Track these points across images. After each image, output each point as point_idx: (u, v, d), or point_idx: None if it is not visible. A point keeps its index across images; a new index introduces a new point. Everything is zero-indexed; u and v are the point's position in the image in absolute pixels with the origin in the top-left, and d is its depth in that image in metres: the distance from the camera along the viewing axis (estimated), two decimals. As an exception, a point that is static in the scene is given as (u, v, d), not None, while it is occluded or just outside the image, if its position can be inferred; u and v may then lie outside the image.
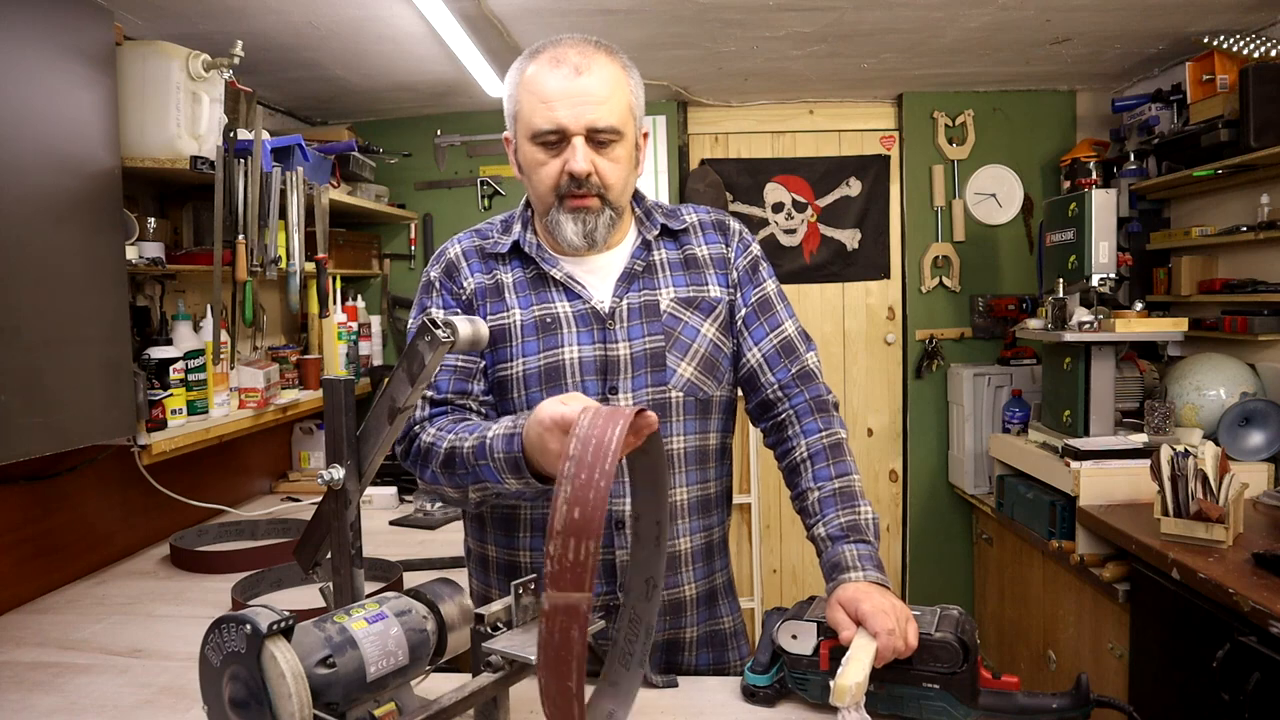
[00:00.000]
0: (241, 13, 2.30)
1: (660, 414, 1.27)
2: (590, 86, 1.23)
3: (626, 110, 1.28)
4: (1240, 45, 2.62)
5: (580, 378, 1.29)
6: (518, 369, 1.31)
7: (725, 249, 1.40)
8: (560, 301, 1.32)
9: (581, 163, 1.24)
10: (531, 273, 1.35)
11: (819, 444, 1.33)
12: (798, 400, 1.37)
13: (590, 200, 1.27)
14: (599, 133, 1.24)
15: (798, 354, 1.38)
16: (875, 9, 2.54)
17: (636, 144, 1.33)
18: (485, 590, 1.39)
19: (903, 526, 3.78)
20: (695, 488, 1.35)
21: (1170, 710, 2.09)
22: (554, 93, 1.23)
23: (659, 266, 1.36)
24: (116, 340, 1.80)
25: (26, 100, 1.55)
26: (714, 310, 1.36)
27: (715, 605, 1.40)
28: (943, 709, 1.12)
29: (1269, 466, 2.51)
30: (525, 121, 1.27)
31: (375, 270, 3.58)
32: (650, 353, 1.31)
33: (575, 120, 1.23)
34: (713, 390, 1.35)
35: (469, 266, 1.36)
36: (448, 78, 3.03)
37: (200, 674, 0.91)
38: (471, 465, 1.18)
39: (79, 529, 2.09)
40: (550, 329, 1.31)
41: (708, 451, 1.37)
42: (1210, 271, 2.93)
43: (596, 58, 1.26)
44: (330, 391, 1.08)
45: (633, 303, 1.33)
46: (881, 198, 3.73)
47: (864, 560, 1.21)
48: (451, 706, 0.96)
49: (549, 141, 1.25)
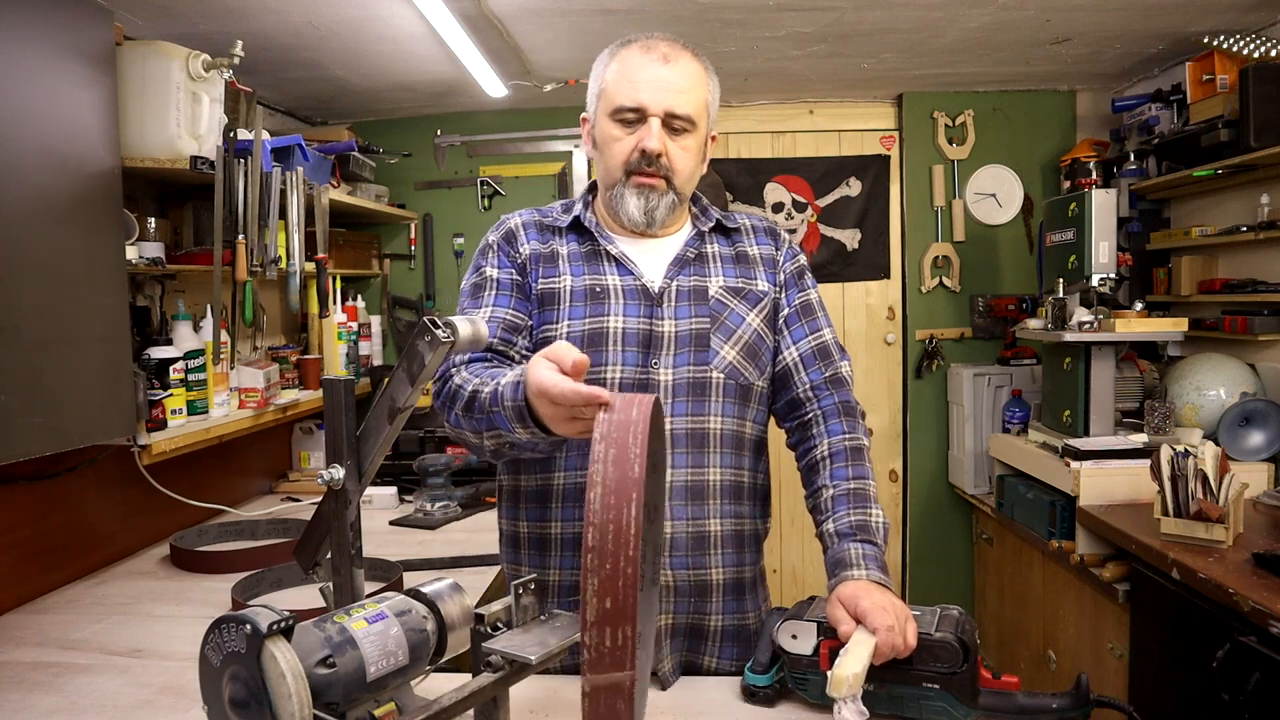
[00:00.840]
0: (241, 13, 2.30)
1: (700, 393, 1.33)
2: (674, 76, 1.32)
3: (703, 105, 1.36)
4: (1240, 45, 2.62)
5: (621, 347, 1.33)
6: (562, 330, 1.35)
7: (775, 252, 1.47)
8: (612, 275, 1.38)
9: (655, 142, 1.31)
10: (587, 247, 1.41)
11: (841, 445, 1.36)
12: (826, 402, 1.40)
13: (657, 180, 1.34)
14: (675, 119, 1.32)
15: (832, 360, 1.43)
16: (875, 9, 2.54)
17: (706, 140, 1.40)
18: (516, 571, 1.41)
19: (903, 526, 3.78)
20: (730, 471, 1.37)
21: (1170, 710, 2.09)
22: (640, 75, 1.32)
23: (710, 258, 1.42)
24: (116, 340, 1.79)
25: (26, 100, 1.55)
26: (760, 302, 1.41)
27: (742, 598, 1.39)
28: (943, 709, 1.12)
29: (1269, 466, 2.51)
30: (609, 98, 1.35)
31: (375, 270, 3.58)
32: (695, 333, 1.35)
33: (656, 102, 1.31)
34: (753, 378, 1.39)
35: (526, 235, 1.42)
36: (448, 78, 3.03)
37: (200, 674, 0.91)
38: (486, 411, 1.17)
39: (79, 529, 2.09)
40: (599, 298, 1.36)
41: (744, 439, 1.39)
42: (1210, 271, 2.93)
43: (684, 54, 1.36)
44: (330, 391, 1.08)
45: (683, 285, 1.38)
46: (881, 198, 3.73)
47: (868, 560, 1.22)
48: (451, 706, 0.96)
49: (628, 119, 1.33)
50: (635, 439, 0.90)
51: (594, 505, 0.88)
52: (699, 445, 1.34)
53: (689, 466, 1.33)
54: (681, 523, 1.32)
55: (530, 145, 3.63)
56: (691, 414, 1.33)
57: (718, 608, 1.37)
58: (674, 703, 1.26)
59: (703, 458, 1.34)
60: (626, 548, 0.85)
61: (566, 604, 1.33)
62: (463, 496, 2.65)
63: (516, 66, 2.96)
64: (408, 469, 2.77)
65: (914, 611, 1.18)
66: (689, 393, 1.34)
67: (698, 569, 1.34)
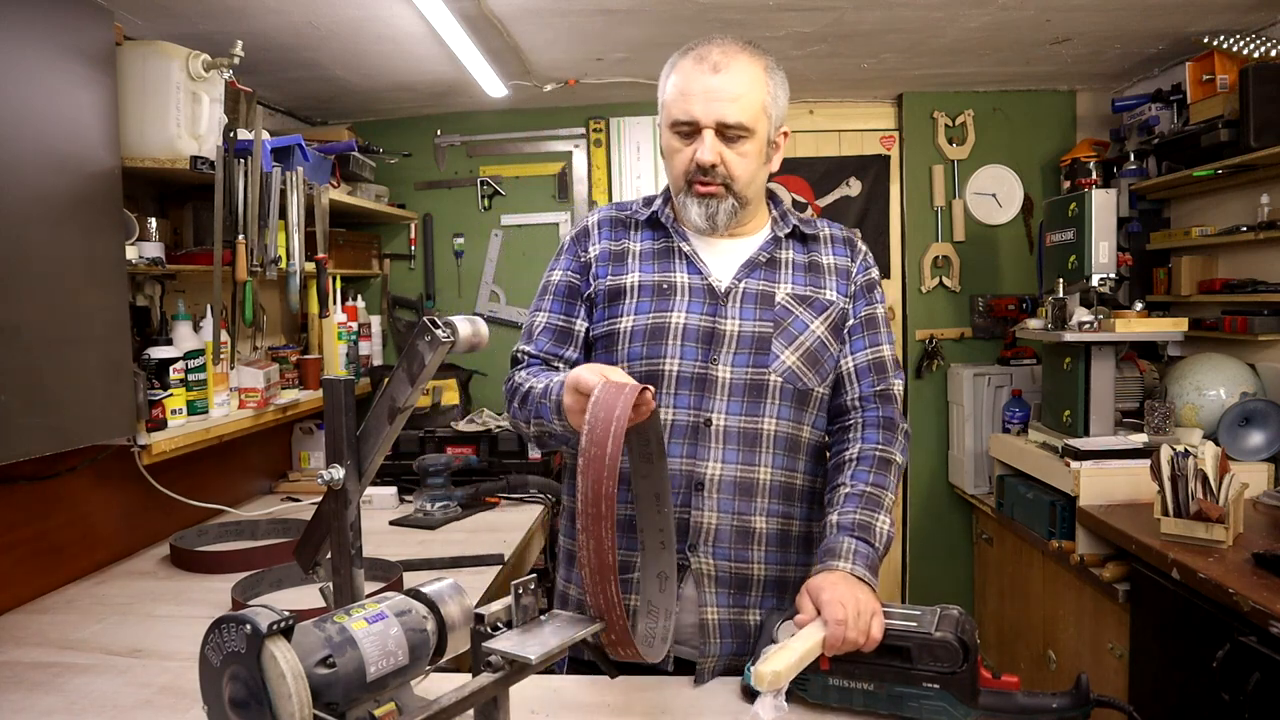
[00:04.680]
0: (241, 13, 2.30)
1: (756, 394, 1.36)
2: (725, 84, 1.33)
3: (759, 110, 1.36)
4: (1240, 45, 2.62)
5: (681, 342, 1.36)
6: (626, 323, 1.39)
7: (850, 263, 1.48)
8: (681, 272, 1.41)
9: (708, 154, 1.34)
10: (661, 244, 1.44)
11: (870, 452, 1.38)
12: (870, 413, 1.43)
13: (715, 188, 1.37)
14: (728, 128, 1.33)
15: (886, 375, 1.45)
16: (875, 9, 2.54)
17: (771, 141, 1.41)
18: (565, 589, 1.46)
19: (903, 526, 3.78)
20: (780, 472, 1.38)
21: (1170, 710, 2.09)
22: (691, 87, 1.34)
23: (783, 264, 1.44)
24: (116, 340, 1.79)
25: (26, 100, 1.55)
26: (826, 310, 1.43)
27: (784, 596, 1.40)
28: (943, 709, 1.12)
29: (1269, 466, 2.51)
30: (667, 111, 1.39)
31: (375, 270, 3.58)
32: (758, 335, 1.37)
33: (706, 114, 1.33)
34: (812, 384, 1.41)
35: (599, 233, 1.48)
36: (448, 78, 3.03)
37: (200, 674, 0.91)
38: (535, 403, 1.30)
39: (79, 529, 2.09)
40: (665, 294, 1.39)
41: (799, 443, 1.41)
42: (1210, 271, 2.93)
43: (739, 57, 1.35)
44: (330, 391, 1.08)
45: (750, 288, 1.40)
46: (881, 198, 3.73)
47: (857, 556, 1.23)
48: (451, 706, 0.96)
49: (683, 131, 1.36)
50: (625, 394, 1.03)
51: (586, 426, 1.02)
52: (751, 444, 1.36)
53: (739, 463, 1.35)
54: (727, 515, 1.34)
55: (530, 145, 3.63)
56: (746, 413, 1.36)
57: (756, 601, 1.37)
58: (674, 703, 1.26)
59: (754, 456, 1.36)
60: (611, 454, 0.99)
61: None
62: (463, 496, 2.64)
63: (516, 66, 2.96)
64: (408, 469, 2.77)
65: (914, 611, 1.18)
66: (745, 393, 1.36)
67: (740, 562, 1.36)
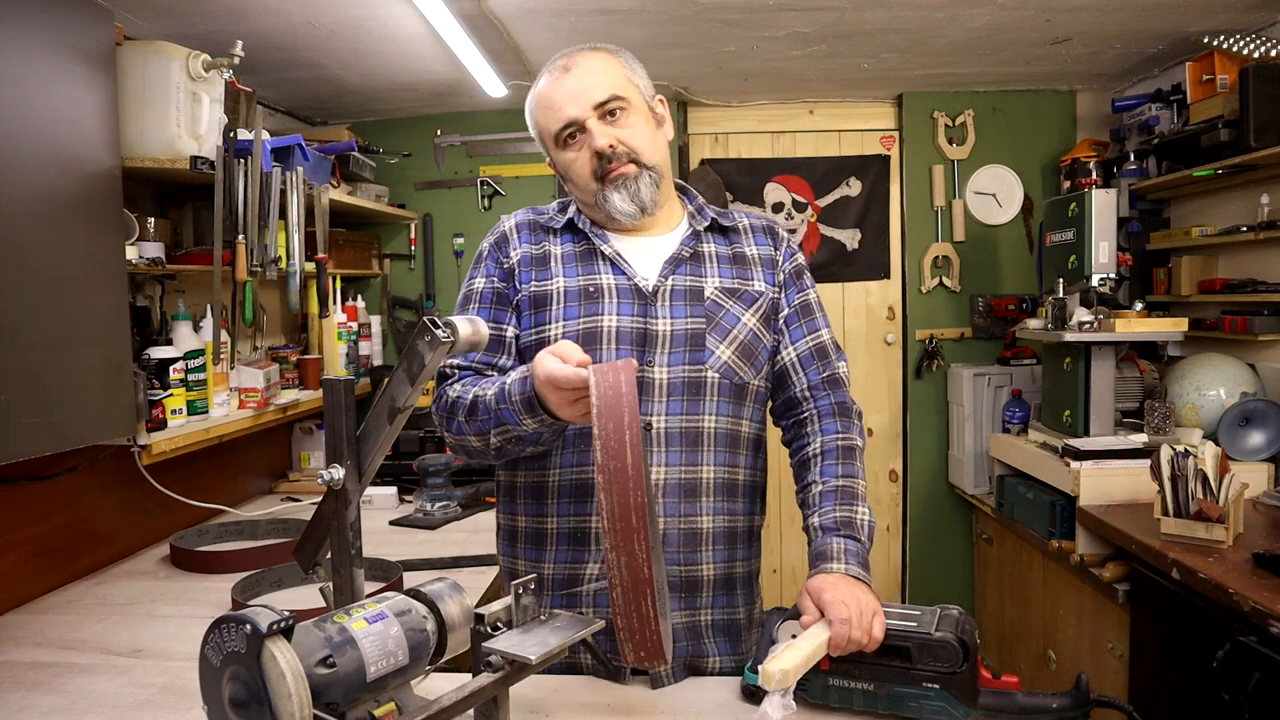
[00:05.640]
0: (241, 13, 2.30)
1: (695, 392, 1.34)
2: (580, 77, 1.34)
3: (622, 80, 1.36)
4: (1240, 45, 2.62)
5: (616, 346, 1.34)
6: (557, 331, 1.36)
7: (774, 252, 1.46)
8: (606, 274, 1.38)
9: (601, 139, 1.33)
10: (582, 247, 1.41)
11: (833, 444, 1.37)
12: (823, 402, 1.42)
13: (626, 167, 1.35)
14: (603, 105, 1.33)
15: (830, 360, 1.44)
16: (875, 9, 2.54)
17: (650, 107, 1.40)
18: (512, 564, 1.43)
19: (903, 526, 3.78)
20: (723, 469, 1.37)
21: (1170, 710, 2.09)
22: (554, 96, 1.35)
23: (707, 257, 1.42)
24: (116, 340, 1.79)
25: (26, 100, 1.55)
26: (756, 302, 1.41)
27: (733, 593, 1.40)
28: (943, 709, 1.12)
29: (1269, 466, 2.51)
30: (546, 131, 1.38)
31: (375, 270, 3.58)
32: (690, 332, 1.36)
33: (580, 107, 1.33)
34: (749, 377, 1.39)
35: (519, 238, 1.44)
36: (448, 78, 3.03)
37: (200, 674, 0.91)
38: (493, 410, 1.24)
39: (79, 529, 2.09)
40: (593, 297, 1.36)
41: (739, 438, 1.40)
42: (1210, 271, 2.93)
43: (582, 54, 1.37)
44: (330, 391, 1.09)
45: (677, 285, 1.38)
46: (881, 198, 3.73)
47: (848, 555, 1.24)
48: (451, 706, 0.96)
49: (569, 136, 1.35)
50: (626, 391, 1.01)
51: (599, 442, 0.97)
52: (693, 444, 1.34)
53: (682, 465, 1.34)
54: (674, 519, 1.33)
55: (530, 145, 3.60)
56: (686, 413, 1.34)
57: (708, 603, 1.38)
58: (674, 703, 1.26)
59: (696, 456, 1.35)
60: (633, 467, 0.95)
61: (559, 598, 1.35)
62: (463, 496, 2.65)
63: (516, 66, 2.96)
64: (408, 469, 2.77)
65: (914, 611, 1.18)
66: (684, 391, 1.34)
67: (689, 565, 1.35)
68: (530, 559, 1.38)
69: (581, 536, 1.35)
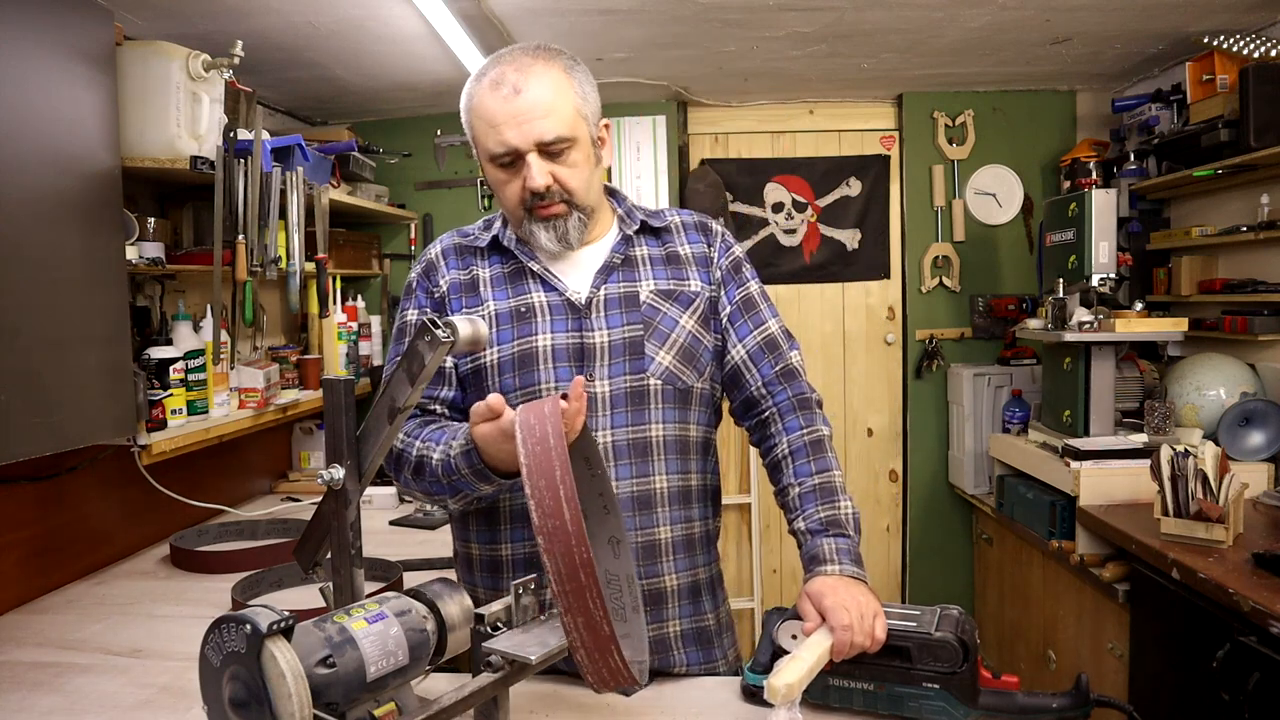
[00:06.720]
0: (241, 13, 2.30)
1: (639, 402, 1.32)
2: (532, 103, 1.25)
3: (573, 115, 1.28)
4: (1240, 45, 2.62)
5: (553, 364, 1.32)
6: (491, 357, 1.34)
7: (708, 248, 1.43)
8: (537, 292, 1.35)
9: (538, 178, 1.27)
10: (510, 267, 1.38)
11: (800, 440, 1.35)
12: (781, 398, 1.39)
13: (556, 208, 1.30)
14: (548, 145, 1.26)
15: (781, 351, 1.40)
16: (875, 9, 2.54)
17: (594, 141, 1.34)
18: (472, 590, 1.40)
19: (903, 526, 3.78)
20: (675, 477, 1.35)
21: (1170, 710, 2.09)
22: (499, 116, 1.26)
23: (639, 261, 1.39)
24: (116, 340, 1.79)
25: (26, 100, 1.55)
26: (693, 303, 1.38)
27: (699, 600, 1.39)
28: (943, 709, 1.12)
29: (1269, 466, 2.51)
30: (481, 146, 1.31)
31: (375, 270, 3.58)
32: (629, 341, 1.33)
33: (523, 140, 1.26)
34: (692, 380, 1.37)
35: (446, 265, 1.40)
36: (448, 78, 3.03)
37: (200, 674, 0.91)
38: (445, 481, 1.23)
39: (79, 529, 2.09)
40: (525, 318, 1.34)
41: (688, 443, 1.38)
42: (1210, 271, 2.93)
43: (534, 69, 1.27)
44: (330, 391, 1.09)
45: (611, 293, 1.35)
46: (881, 198, 3.73)
47: (841, 554, 1.23)
48: (451, 706, 0.97)
49: (505, 162, 1.29)
50: (554, 441, 0.96)
51: (533, 502, 0.93)
52: (642, 454, 1.32)
53: (634, 477, 1.32)
54: (631, 533, 1.30)
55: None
56: (632, 424, 1.32)
57: (675, 613, 1.36)
58: (674, 703, 1.26)
59: (647, 466, 1.33)
60: (571, 523, 0.91)
61: None
62: (463, 496, 2.64)
63: (516, 66, 2.96)
64: (408, 469, 2.77)
65: (914, 611, 1.18)
66: (627, 402, 1.32)
67: (651, 578, 1.33)
68: (488, 586, 1.37)
69: (537, 563, 1.30)
